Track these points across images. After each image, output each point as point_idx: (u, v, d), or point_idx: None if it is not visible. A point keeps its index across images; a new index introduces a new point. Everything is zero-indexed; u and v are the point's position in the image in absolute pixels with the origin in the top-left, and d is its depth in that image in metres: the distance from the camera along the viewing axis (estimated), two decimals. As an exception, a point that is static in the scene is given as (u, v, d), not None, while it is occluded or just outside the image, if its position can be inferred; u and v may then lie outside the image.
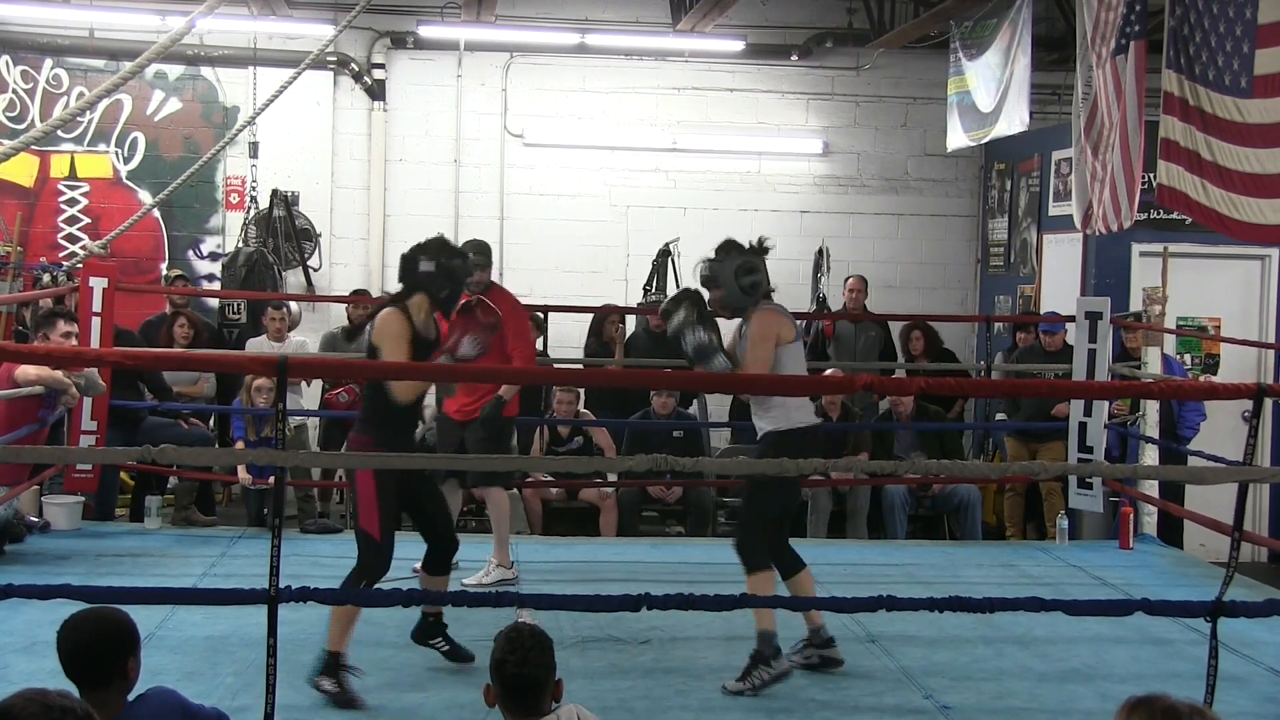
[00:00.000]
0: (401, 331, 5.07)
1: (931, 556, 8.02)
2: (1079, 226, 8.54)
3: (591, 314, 10.12)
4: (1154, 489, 8.42)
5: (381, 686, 5.22)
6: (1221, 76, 6.97)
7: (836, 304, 10.97)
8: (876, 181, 12.13)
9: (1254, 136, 6.89)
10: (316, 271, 11.23)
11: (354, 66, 11.39)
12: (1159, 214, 8.81)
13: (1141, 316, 8.48)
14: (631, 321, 10.47)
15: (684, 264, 10.93)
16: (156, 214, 10.95)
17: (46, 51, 11.19)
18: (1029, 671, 5.70)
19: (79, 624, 3.22)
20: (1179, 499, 8.74)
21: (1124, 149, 7.61)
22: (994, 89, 9.82)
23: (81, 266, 8.42)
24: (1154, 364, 8.34)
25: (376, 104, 11.52)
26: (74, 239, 11.15)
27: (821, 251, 11.30)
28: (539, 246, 11.66)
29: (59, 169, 11.24)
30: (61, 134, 10.85)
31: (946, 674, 5.60)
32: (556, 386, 8.78)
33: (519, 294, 7.65)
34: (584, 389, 9.48)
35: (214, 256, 11.36)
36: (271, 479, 7.10)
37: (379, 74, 11.50)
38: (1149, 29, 7.72)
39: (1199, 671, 4.71)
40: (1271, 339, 9.83)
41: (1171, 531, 8.64)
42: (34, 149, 10.47)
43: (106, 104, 10.77)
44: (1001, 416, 9.97)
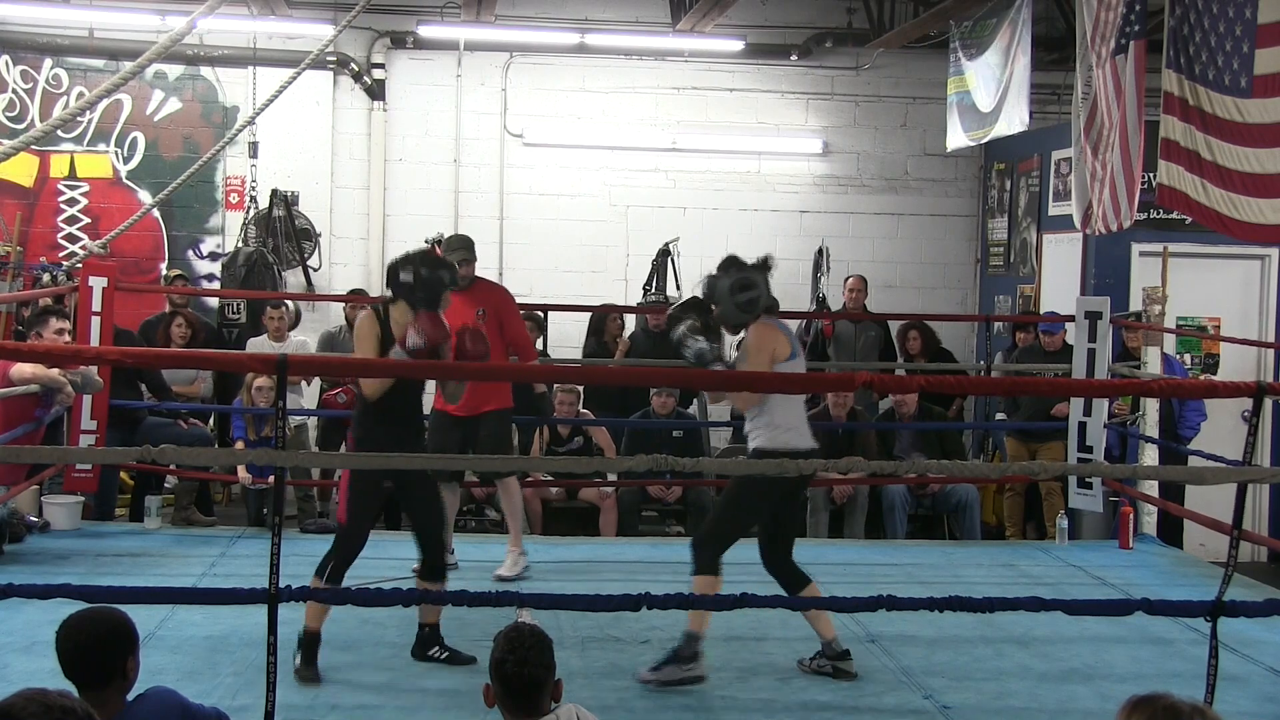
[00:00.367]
0: (370, 332, 5.44)
1: (931, 556, 8.02)
2: (1079, 226, 8.54)
3: (589, 314, 10.14)
4: (1154, 489, 8.42)
5: (381, 686, 5.22)
6: (1221, 76, 6.97)
7: (836, 304, 10.98)
8: (876, 181, 12.13)
9: (1254, 136, 6.89)
10: (316, 271, 11.23)
11: (354, 66, 11.39)
12: (1159, 214, 8.81)
13: (1141, 316, 8.48)
14: (631, 321, 10.47)
15: (684, 264, 10.94)
16: (156, 214, 10.95)
17: (46, 51, 11.19)
18: (1029, 671, 5.70)
19: (78, 624, 3.22)
20: (1179, 499, 8.73)
21: (1124, 149, 7.61)
22: (994, 89, 9.82)
23: (81, 266, 8.42)
24: (1154, 364, 8.34)
25: (376, 104, 11.52)
26: (74, 239, 11.15)
27: (821, 251, 11.30)
28: (539, 246, 11.67)
29: (59, 169, 11.25)
30: (61, 134, 10.85)
31: (946, 674, 5.60)
32: (557, 386, 8.78)
33: (518, 294, 7.69)
34: (584, 389, 9.48)
35: (214, 256, 11.36)
36: (271, 479, 7.10)
37: (379, 74, 11.50)
38: (1149, 29, 7.72)
39: (1199, 671, 4.71)
40: (1271, 339, 9.83)
41: (1171, 531, 8.64)
42: (34, 149, 10.48)
43: (106, 104, 10.77)
44: (1001, 416, 9.97)
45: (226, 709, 3.54)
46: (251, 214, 11.04)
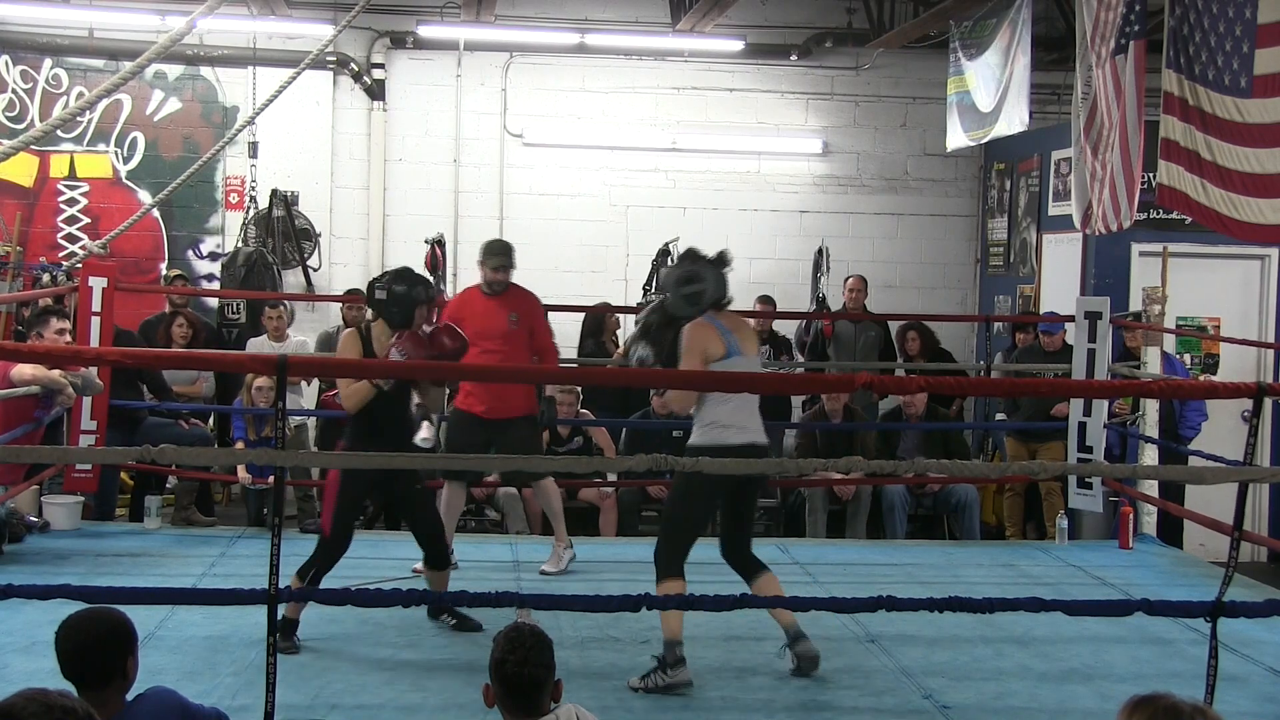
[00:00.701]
0: (350, 348, 5.72)
1: (931, 556, 8.01)
2: (1079, 226, 8.54)
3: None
4: (1154, 489, 8.42)
5: (381, 686, 5.22)
6: (1221, 76, 6.97)
7: (836, 304, 10.98)
8: (876, 181, 12.13)
9: (1254, 136, 6.89)
10: (316, 271, 11.24)
11: (354, 66, 11.39)
12: (1159, 214, 8.81)
13: (1141, 316, 8.48)
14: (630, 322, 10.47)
15: (683, 264, 10.93)
16: (156, 214, 10.95)
17: (46, 51, 11.19)
18: (1029, 671, 5.70)
19: (78, 624, 3.22)
20: (1179, 499, 8.73)
21: (1124, 149, 7.61)
22: (994, 89, 9.81)
23: (81, 266, 8.41)
24: (1154, 364, 8.34)
25: (376, 104, 11.52)
26: (74, 239, 11.15)
27: (821, 251, 11.30)
28: (538, 246, 11.63)
29: (59, 169, 11.24)
30: (61, 134, 10.85)
31: (946, 674, 5.60)
32: (557, 386, 8.77)
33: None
34: (583, 389, 9.48)
35: (213, 256, 11.36)
36: (271, 479, 7.09)
37: (379, 74, 11.50)
38: (1149, 29, 7.72)
39: (1199, 671, 4.70)
40: (1271, 339, 9.83)
41: (1171, 531, 8.64)
42: (34, 149, 10.49)
43: (106, 104, 10.77)
44: (1001, 417, 9.97)
45: (226, 709, 3.54)
46: (251, 214, 11.05)
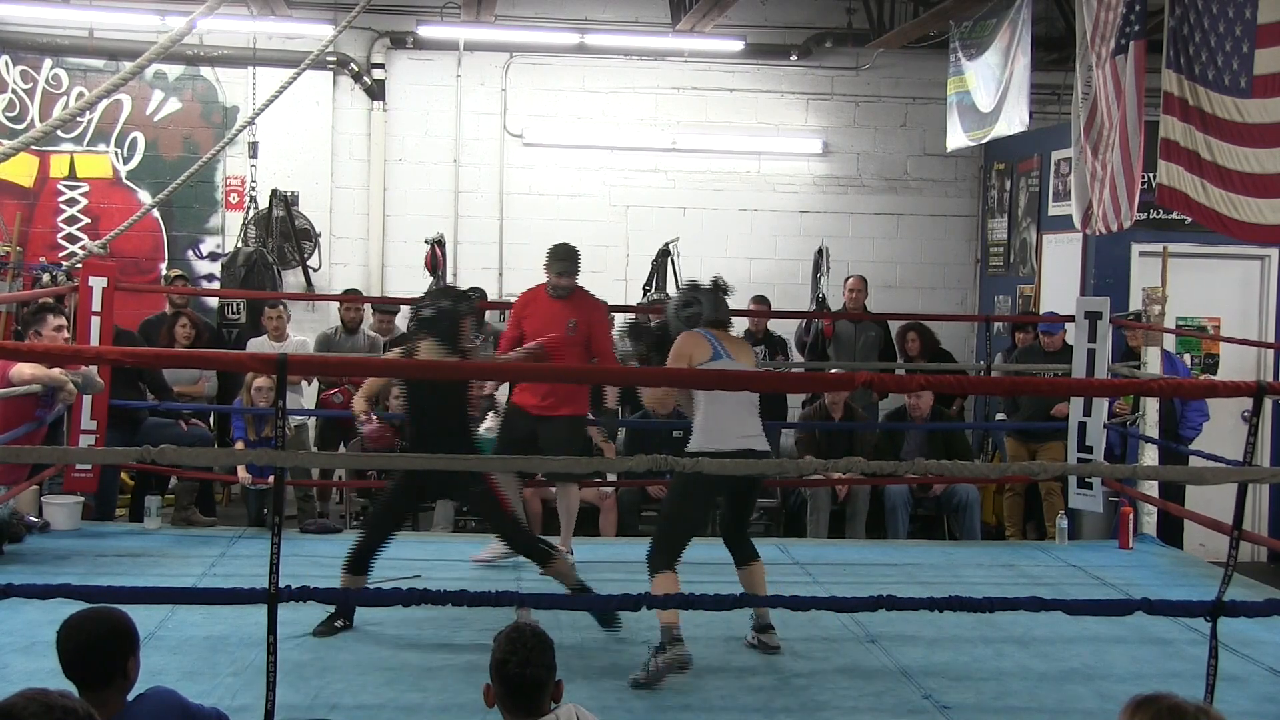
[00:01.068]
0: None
1: (931, 556, 8.01)
2: (1079, 226, 8.54)
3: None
4: (1154, 489, 8.42)
5: (381, 686, 5.22)
6: (1221, 76, 6.97)
7: (836, 304, 10.98)
8: (876, 181, 12.13)
9: (1254, 136, 6.89)
10: (316, 271, 11.24)
11: (354, 66, 11.39)
12: (1159, 214, 8.82)
13: (1141, 316, 8.48)
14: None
15: (683, 264, 10.93)
16: (156, 214, 10.95)
17: (46, 51, 11.19)
18: (1029, 671, 5.70)
19: (79, 624, 3.22)
20: (1179, 499, 8.73)
21: (1124, 149, 7.61)
22: (993, 89, 9.81)
23: (81, 266, 8.41)
24: (1154, 363, 8.34)
25: (376, 104, 11.52)
26: (74, 239, 11.15)
27: (821, 251, 11.30)
28: (539, 246, 11.41)
29: (59, 169, 11.25)
30: (61, 134, 10.86)
31: (946, 674, 5.59)
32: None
33: (519, 294, 7.70)
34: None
35: (214, 256, 11.36)
36: (271, 479, 7.10)
37: (379, 74, 11.50)
38: (1149, 29, 7.72)
39: (1199, 671, 4.70)
40: (1271, 339, 9.83)
41: (1171, 531, 8.64)
42: (34, 149, 10.48)
43: (106, 104, 10.78)
44: (1001, 416, 9.97)
45: (226, 709, 3.55)
46: (251, 214, 11.05)
